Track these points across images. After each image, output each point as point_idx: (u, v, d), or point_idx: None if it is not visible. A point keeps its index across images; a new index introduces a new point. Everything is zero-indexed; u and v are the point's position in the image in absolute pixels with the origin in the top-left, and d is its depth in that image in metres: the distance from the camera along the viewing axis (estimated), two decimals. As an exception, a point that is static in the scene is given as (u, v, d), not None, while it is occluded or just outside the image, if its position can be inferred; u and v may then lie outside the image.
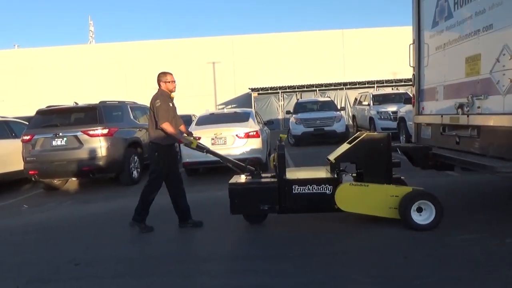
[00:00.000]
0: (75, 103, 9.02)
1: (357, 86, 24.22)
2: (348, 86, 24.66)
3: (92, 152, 7.64)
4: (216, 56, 27.08)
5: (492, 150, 4.24)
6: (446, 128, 5.21)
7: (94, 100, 9.09)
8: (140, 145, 8.83)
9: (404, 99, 11.94)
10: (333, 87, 24.65)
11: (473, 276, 3.09)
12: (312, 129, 13.78)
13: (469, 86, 4.63)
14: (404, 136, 11.27)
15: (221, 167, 8.84)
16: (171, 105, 4.74)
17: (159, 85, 4.84)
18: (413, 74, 6.06)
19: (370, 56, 26.31)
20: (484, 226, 4.24)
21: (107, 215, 5.94)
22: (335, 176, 4.51)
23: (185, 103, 26.25)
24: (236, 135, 8.28)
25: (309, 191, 4.45)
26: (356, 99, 18.16)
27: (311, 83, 24.96)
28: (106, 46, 28.78)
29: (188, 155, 8.43)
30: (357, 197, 4.35)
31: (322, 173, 4.83)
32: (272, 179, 4.64)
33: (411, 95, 14.73)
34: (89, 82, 26.99)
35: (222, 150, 8.31)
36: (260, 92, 25.31)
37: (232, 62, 27.32)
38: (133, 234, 4.77)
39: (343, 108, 18.54)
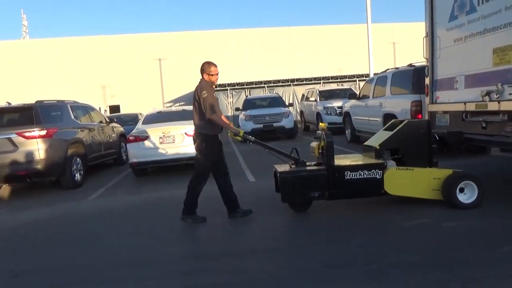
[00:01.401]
0: (8, 102, 8.38)
1: (304, 82, 24.68)
2: (296, 83, 25.06)
3: (29, 155, 7.11)
4: (163, 52, 26.47)
5: None
6: (469, 115, 5.54)
7: (30, 100, 8.51)
8: (83, 146, 8.39)
9: (348, 94, 12.44)
10: (281, 84, 24.95)
11: (428, 260, 3.22)
12: (261, 125, 13.95)
13: (499, 74, 4.99)
14: (349, 130, 11.58)
15: (170, 167, 8.75)
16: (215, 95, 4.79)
17: (202, 75, 4.88)
18: (427, 66, 6.42)
19: (316, 53, 26.97)
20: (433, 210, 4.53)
21: (46, 222, 5.56)
22: (382, 161, 4.75)
23: (131, 102, 25.56)
24: (185, 133, 8.10)
25: (360, 176, 4.66)
26: (303, 95, 18.54)
27: (260, 80, 25.10)
28: (42, 42, 27.12)
29: (136, 155, 8.16)
30: (403, 181, 4.67)
31: (367, 159, 5.03)
32: (320, 167, 4.78)
33: (355, 91, 15.72)
34: (25, 80, 25.28)
35: (171, 149, 8.21)
36: (209, 89, 25.06)
37: (180, 59, 26.82)
38: (78, 239, 4.51)
39: (291, 104, 18.79)
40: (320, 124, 5.32)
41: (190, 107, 11.10)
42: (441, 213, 4.37)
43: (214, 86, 4.99)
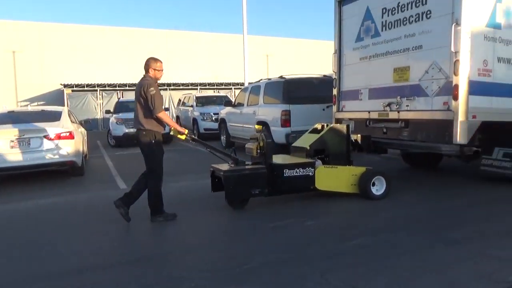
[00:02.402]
0: None
1: (181, 87, 24.12)
2: (172, 87, 24.37)
3: None
4: (18, 44, 23.06)
5: (421, 137, 5.67)
6: (371, 122, 6.47)
7: None
8: None
9: (224, 101, 12.81)
10: (157, 87, 24.03)
11: (291, 257, 3.49)
12: (134, 129, 13.07)
13: (398, 89, 5.98)
14: (225, 136, 11.80)
15: (29, 173, 7.62)
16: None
17: (147, 71, 4.74)
18: (335, 78, 7.22)
19: (194, 59, 26.63)
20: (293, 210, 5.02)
21: None
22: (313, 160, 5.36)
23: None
24: (44, 137, 7.16)
25: (296, 174, 5.19)
26: (180, 100, 18.39)
27: (134, 82, 23.65)
28: None
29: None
30: (329, 177, 5.32)
31: (298, 158, 5.50)
32: (260, 166, 5.10)
33: (231, 98, 16.14)
34: None
35: (26, 154, 7.10)
36: (75, 89, 22.62)
37: (40, 53, 23.70)
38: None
39: (167, 109, 18.18)
40: (256, 126, 5.80)
41: (51, 107, 10.01)
42: (304, 213, 4.84)
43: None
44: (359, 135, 6.13)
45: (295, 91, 8.67)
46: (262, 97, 9.48)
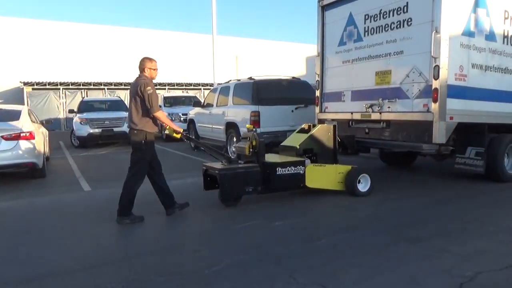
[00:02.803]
0: None
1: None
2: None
3: None
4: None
5: (401, 138, 6.05)
6: (354, 122, 6.80)
7: None
8: None
9: (193, 102, 12.75)
10: (123, 87, 23.27)
11: (260, 258, 3.52)
12: (99, 130, 12.99)
13: (380, 92, 6.29)
14: (193, 137, 11.58)
15: None
16: None
17: (143, 70, 4.80)
18: (317, 81, 7.49)
19: (162, 58, 26.01)
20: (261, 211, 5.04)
21: None
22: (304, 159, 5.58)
23: None
24: (2, 137, 6.88)
25: (288, 172, 5.39)
26: None
27: (99, 81, 23.04)
28: None
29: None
30: (318, 175, 5.58)
31: (288, 157, 5.67)
32: (253, 164, 5.27)
33: (200, 99, 16.07)
34: None
35: None
36: (36, 87, 21.70)
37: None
38: None
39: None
40: (247, 125, 5.93)
41: (10, 106, 9.48)
42: (272, 213, 4.90)
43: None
44: (344, 135, 6.42)
45: (264, 92, 8.71)
46: (232, 98, 9.51)
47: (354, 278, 3.03)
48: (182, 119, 14.12)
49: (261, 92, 8.68)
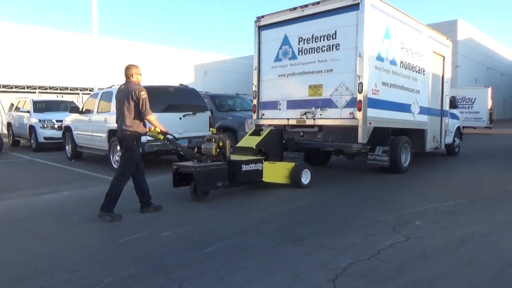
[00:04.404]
0: None
1: (14, 90, 21.63)
2: (2, 89, 21.55)
3: None
4: None
5: (331, 140, 7.48)
6: (289, 127, 8.01)
7: None
8: None
9: (70, 107, 11.80)
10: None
11: (147, 270, 3.39)
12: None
13: (312, 102, 7.61)
14: (70, 146, 11.08)
15: None
16: None
17: (129, 76, 5.22)
18: (254, 91, 8.61)
19: (30, 58, 23.71)
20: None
21: None
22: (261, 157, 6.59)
23: None
24: None
25: (251, 168, 6.31)
26: (12, 104, 16.39)
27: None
28: None
29: None
30: (271, 171, 6.62)
31: (247, 156, 6.52)
32: (222, 162, 6.03)
33: (78, 104, 14.93)
34: None
35: None
36: None
37: None
38: None
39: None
40: (211, 129, 6.81)
41: None
42: (160, 223, 4.80)
43: None
44: (286, 137, 7.61)
45: (150, 98, 8.57)
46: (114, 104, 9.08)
47: (243, 282, 3.12)
48: (56, 126, 12.86)
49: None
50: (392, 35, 7.69)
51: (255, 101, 8.60)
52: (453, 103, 11.19)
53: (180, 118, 8.77)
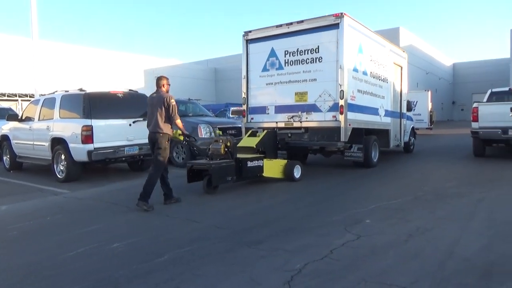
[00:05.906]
0: None
1: None
2: None
3: None
4: None
5: (317, 139, 8.64)
6: (278, 129, 8.86)
7: None
8: None
9: (7, 115, 10.78)
10: None
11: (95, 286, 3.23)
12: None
13: (299, 106, 8.77)
14: (8, 156, 10.51)
15: None
16: None
17: (161, 86, 6.06)
18: (244, 97, 9.60)
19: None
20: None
21: None
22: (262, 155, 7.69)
23: None
24: None
25: (254, 164, 7.33)
26: None
27: None
28: None
29: None
30: (269, 167, 7.63)
31: (249, 154, 7.49)
32: (230, 160, 6.98)
33: (16, 111, 14.15)
34: None
35: None
36: None
37: None
38: None
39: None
40: (217, 131, 8.32)
41: None
42: (106, 236, 4.57)
43: None
44: (278, 138, 8.69)
45: (97, 105, 8.22)
46: (58, 111, 8.68)
47: (199, 289, 3.02)
48: None
49: (94, 104, 8.20)
50: (364, 49, 9.03)
51: (244, 107, 9.61)
52: (409, 107, 12.90)
53: (130, 125, 8.59)
